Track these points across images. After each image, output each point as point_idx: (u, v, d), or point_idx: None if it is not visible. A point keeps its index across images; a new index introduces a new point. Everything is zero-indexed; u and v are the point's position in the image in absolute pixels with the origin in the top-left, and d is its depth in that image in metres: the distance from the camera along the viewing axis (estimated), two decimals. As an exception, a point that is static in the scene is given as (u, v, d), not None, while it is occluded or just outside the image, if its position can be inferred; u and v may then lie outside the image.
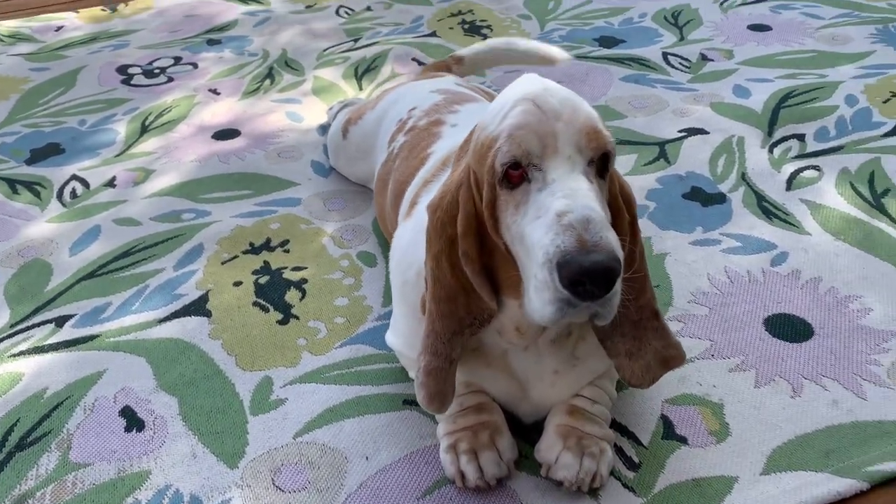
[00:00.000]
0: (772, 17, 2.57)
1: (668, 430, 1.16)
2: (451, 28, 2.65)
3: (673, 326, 1.34)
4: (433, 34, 2.60)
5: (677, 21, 2.58)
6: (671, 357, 1.05)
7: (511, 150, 0.90)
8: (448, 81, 1.69)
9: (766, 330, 1.33)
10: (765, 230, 1.57)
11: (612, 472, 1.09)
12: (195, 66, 2.47)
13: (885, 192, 1.66)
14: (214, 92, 2.29)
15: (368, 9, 2.86)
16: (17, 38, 2.75)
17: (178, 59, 2.52)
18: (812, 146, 1.84)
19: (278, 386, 1.28)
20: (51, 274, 1.57)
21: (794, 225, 1.58)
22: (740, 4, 2.68)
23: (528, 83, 0.95)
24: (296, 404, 1.24)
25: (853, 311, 1.35)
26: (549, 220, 0.86)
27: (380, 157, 1.56)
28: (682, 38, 2.46)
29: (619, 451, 1.13)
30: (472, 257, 0.97)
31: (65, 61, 2.54)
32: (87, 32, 2.77)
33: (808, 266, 1.46)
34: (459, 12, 2.76)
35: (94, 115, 2.20)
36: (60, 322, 1.44)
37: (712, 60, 2.30)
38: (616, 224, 0.97)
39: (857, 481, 1.06)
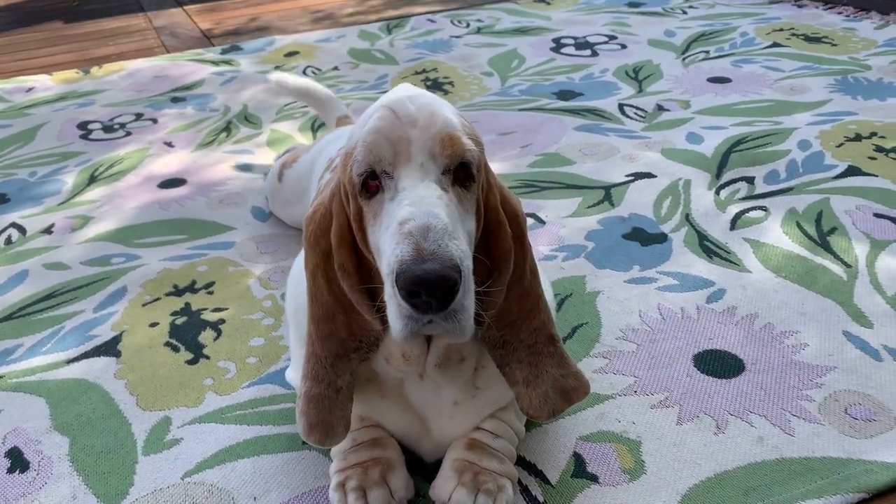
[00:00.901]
0: (732, 70, 2.57)
1: (580, 468, 1.08)
2: (414, 85, 2.65)
3: (597, 363, 1.28)
4: (395, 90, 2.61)
5: (637, 76, 2.58)
6: (571, 388, 0.98)
7: (365, 158, 0.87)
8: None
9: (694, 366, 1.26)
10: (703, 268, 1.51)
11: (513, 512, 1.01)
12: (155, 121, 2.48)
13: (832, 230, 1.61)
14: (169, 145, 2.29)
15: (335, 68, 2.89)
16: (-14, 98, 2.78)
17: (139, 116, 2.54)
18: (761, 188, 1.80)
19: (176, 426, 1.21)
20: (-33, 317, 1.52)
21: (734, 263, 1.52)
22: (702, 60, 2.69)
23: (397, 91, 0.92)
24: (190, 444, 1.17)
25: (788, 347, 1.29)
26: (393, 230, 0.82)
27: (312, 195, 1.53)
28: (640, 91, 2.46)
29: (524, 490, 1.05)
30: (348, 270, 0.92)
31: (28, 119, 2.56)
32: (57, 92, 2.81)
33: (744, 303, 1.40)
34: (424, 70, 2.79)
35: (45, 167, 2.20)
36: (-35, 363, 1.38)
37: (668, 111, 2.29)
38: (495, 237, 0.93)
39: (775, 520, 0.97)
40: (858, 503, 1.00)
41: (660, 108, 2.31)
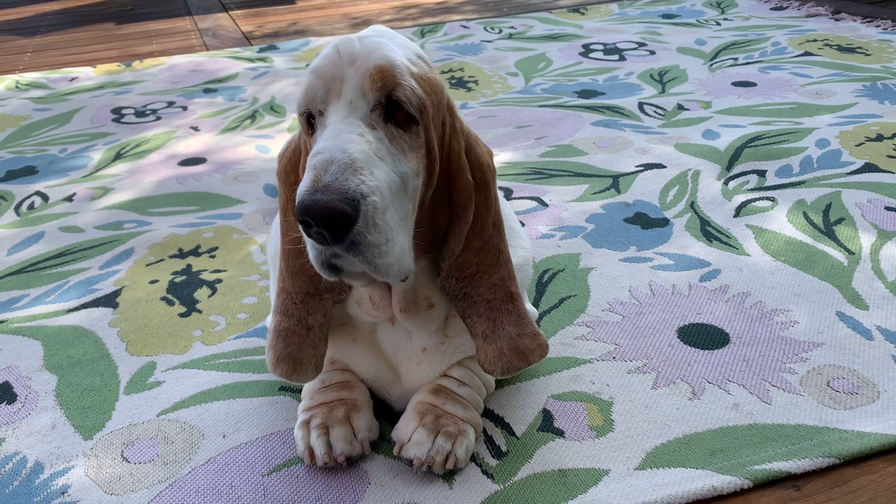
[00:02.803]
0: (759, 75, 2.55)
1: (547, 423, 1.07)
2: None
3: (579, 331, 1.27)
4: (420, 87, 2.65)
5: (662, 78, 2.58)
6: (527, 348, 0.96)
7: (302, 97, 0.87)
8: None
9: (678, 337, 1.24)
10: (701, 250, 1.50)
11: (474, 458, 1.01)
12: (185, 108, 2.56)
13: (839, 220, 1.58)
14: (195, 129, 2.35)
15: (365, 67, 2.93)
16: (33, 86, 2.90)
17: (171, 103, 2.62)
18: (771, 181, 1.78)
19: (160, 370, 1.24)
20: (-18, 270, 1.59)
21: (733, 247, 1.50)
22: (730, 65, 2.67)
23: (364, 32, 0.93)
24: (171, 387, 1.19)
25: (777, 324, 1.26)
26: (307, 163, 0.82)
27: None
28: (662, 91, 2.45)
29: (488, 439, 1.05)
30: None
31: (66, 103, 2.66)
32: (97, 82, 2.91)
33: (738, 282, 1.38)
34: (450, 70, 2.82)
35: (76, 145, 2.28)
36: (-28, 309, 1.44)
37: (688, 110, 2.27)
38: (455, 184, 0.92)
39: (738, 479, 0.95)
40: (827, 468, 0.97)
41: (680, 108, 2.29)
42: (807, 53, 2.75)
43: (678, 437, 1.04)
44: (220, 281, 1.48)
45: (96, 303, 1.43)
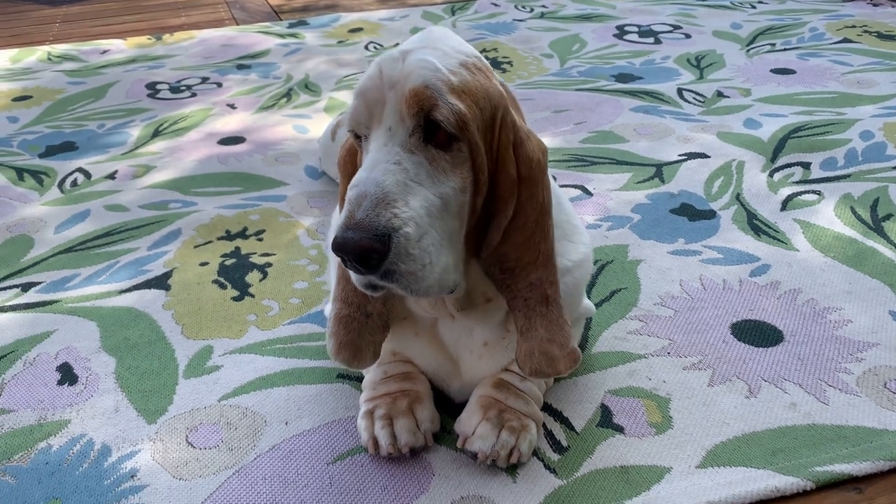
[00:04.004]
0: (798, 63, 2.52)
1: (606, 419, 1.08)
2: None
3: (632, 325, 1.27)
4: (454, 67, 2.63)
5: (699, 63, 2.55)
6: (554, 356, 0.94)
7: (349, 120, 0.89)
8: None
9: (731, 334, 1.25)
10: (750, 244, 1.50)
11: (536, 453, 1.03)
12: (220, 84, 2.55)
13: (888, 216, 1.57)
14: (231, 106, 2.35)
15: (397, 44, 2.91)
16: (65, 58, 2.90)
17: (205, 79, 2.61)
18: (816, 174, 1.77)
19: (217, 354, 1.25)
20: (31, 247, 1.60)
21: (782, 241, 1.50)
22: (767, 51, 2.64)
23: (409, 41, 0.93)
24: (230, 371, 1.21)
25: (830, 322, 1.26)
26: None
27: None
28: (700, 77, 2.43)
29: (548, 434, 1.06)
30: None
31: (100, 77, 2.66)
32: (129, 55, 2.91)
33: (789, 278, 1.38)
34: (484, 50, 2.80)
35: (113, 120, 2.28)
36: (26, 287, 1.46)
37: (728, 97, 2.26)
38: (498, 177, 0.91)
39: (801, 480, 0.96)
40: (889, 471, 0.98)
41: (719, 95, 2.28)
42: (846, 40, 2.72)
43: (737, 435, 1.05)
44: (270, 265, 1.49)
45: (148, 284, 1.44)
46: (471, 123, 0.86)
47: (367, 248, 0.79)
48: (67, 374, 1.22)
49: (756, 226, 1.56)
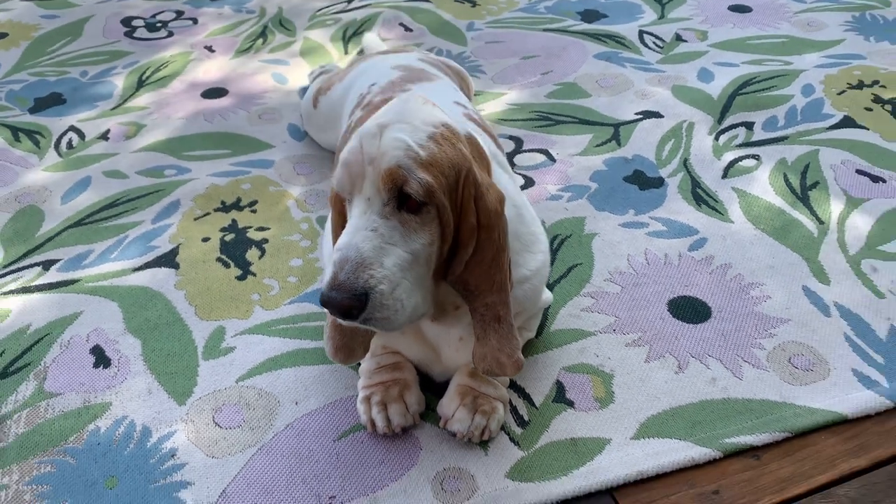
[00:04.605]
0: (755, -2, 2.63)
1: (560, 394, 1.32)
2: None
3: (585, 302, 1.49)
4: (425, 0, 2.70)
5: (662, -2, 2.65)
6: (503, 363, 1.13)
7: (335, 184, 1.07)
8: (411, 57, 1.81)
9: (668, 310, 1.47)
10: (691, 216, 1.70)
11: (503, 428, 1.26)
12: (195, 21, 2.60)
13: (814, 184, 1.77)
14: (210, 49, 2.42)
15: (367, -30, 2.94)
16: (31, -17, 2.88)
17: (179, 14, 2.65)
18: (759, 135, 1.95)
19: (230, 335, 1.45)
20: (43, 220, 1.75)
21: (719, 212, 1.70)
22: (727, -18, 2.73)
23: (385, 112, 1.09)
24: (242, 352, 1.41)
25: (752, 298, 1.49)
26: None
27: (343, 126, 1.70)
28: (662, 16, 2.53)
29: (513, 409, 1.30)
30: None
31: (74, 10, 2.68)
32: (97, -20, 2.89)
33: (722, 252, 1.60)
34: (453, -23, 2.84)
35: (95, 66, 2.35)
36: (47, 265, 1.62)
37: (686, 41, 2.38)
38: (461, 224, 1.08)
39: (712, 450, 1.22)
40: (781, 441, 1.24)
41: (678, 38, 2.40)
42: (803, -31, 2.81)
43: (665, 409, 1.29)
44: (266, 241, 1.66)
45: (158, 262, 1.62)
46: (437, 191, 1.04)
47: (348, 307, 1.00)
48: (101, 357, 1.42)
49: (698, 195, 1.76)
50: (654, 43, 2.38)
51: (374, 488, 1.19)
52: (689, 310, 1.47)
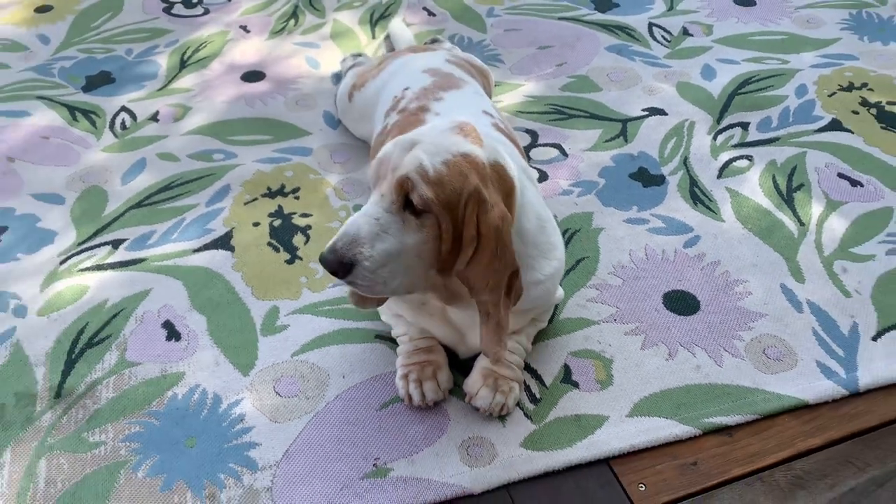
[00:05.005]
0: (760, -11, 2.77)
1: (567, 376, 1.55)
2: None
3: (590, 293, 1.72)
4: (447, -19, 2.84)
5: (672, -14, 2.79)
6: (485, 350, 1.36)
7: (368, 173, 1.34)
8: (439, 58, 1.98)
9: (662, 303, 1.69)
10: (688, 214, 1.90)
11: (519, 404, 1.50)
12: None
13: (799, 186, 1.98)
14: (245, 29, 2.58)
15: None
16: (68, -50, 3.01)
17: (213, -11, 2.79)
18: (753, 135, 2.14)
19: (283, 314, 1.67)
20: (107, 200, 1.95)
21: (713, 211, 1.91)
22: (735, -28, 2.87)
23: (423, 132, 1.32)
24: (295, 330, 1.64)
25: (736, 294, 1.72)
26: None
27: (377, 124, 1.89)
28: (671, 8, 2.69)
29: (527, 388, 1.53)
30: None
31: (112, -18, 2.82)
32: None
33: (712, 250, 1.81)
34: (474, -42, 2.97)
35: (139, 44, 2.52)
36: (116, 245, 1.83)
37: (692, 35, 2.55)
38: (463, 232, 1.28)
39: (692, 428, 1.46)
40: (751, 422, 1.48)
41: (685, 32, 2.56)
42: (808, -40, 2.94)
43: (655, 391, 1.53)
44: (310, 227, 1.87)
45: (215, 244, 1.83)
46: (435, 204, 1.25)
47: (334, 269, 1.26)
48: (172, 331, 1.64)
49: (695, 194, 1.96)
50: (662, 36, 2.54)
51: (411, 452, 1.43)
52: (681, 303, 1.69)
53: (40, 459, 1.42)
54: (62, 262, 1.79)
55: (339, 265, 1.25)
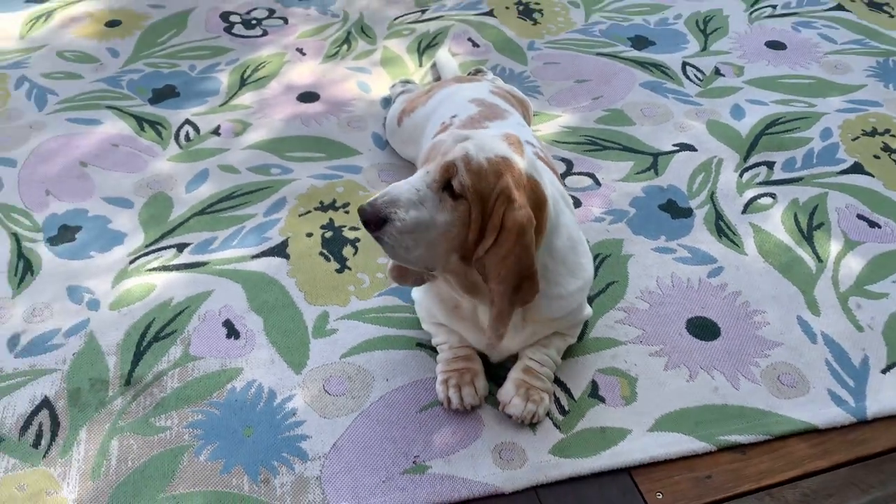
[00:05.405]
0: (791, 34, 2.90)
1: (594, 391, 1.68)
2: (507, 8, 3.03)
3: (618, 315, 1.84)
4: (491, 13, 3.00)
5: (706, 28, 2.93)
6: (486, 331, 1.52)
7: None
8: (484, 89, 2.13)
9: (685, 328, 1.82)
10: (713, 246, 2.03)
11: (548, 414, 1.63)
12: (286, 21, 2.92)
13: (820, 225, 2.09)
14: (301, 52, 2.75)
15: (439, -23, 3.24)
16: (136, -32, 3.21)
17: (271, 12, 2.97)
18: (778, 174, 2.26)
19: (333, 319, 1.82)
20: (172, 206, 2.11)
21: (737, 245, 2.03)
22: (767, 17, 3.01)
23: (477, 132, 1.50)
24: (343, 334, 1.78)
25: (754, 322, 1.83)
26: None
27: (425, 147, 2.03)
28: (704, 48, 2.82)
29: (557, 400, 1.66)
30: None
31: (177, 0, 3.00)
32: (196, -30, 3.21)
33: (734, 281, 1.93)
34: (518, -8, 3.13)
35: (201, 61, 2.69)
36: (181, 248, 1.99)
37: (724, 76, 2.68)
38: (486, 222, 1.42)
39: (708, 444, 1.58)
40: (763, 441, 1.60)
41: (717, 72, 2.69)
42: (839, 7, 3.07)
43: (676, 409, 1.65)
44: (358, 240, 2.02)
45: (272, 252, 1.98)
46: (470, 192, 1.41)
47: (368, 220, 1.40)
48: (231, 330, 1.79)
49: (720, 227, 2.09)
50: (695, 75, 2.67)
51: (448, 452, 1.56)
52: (703, 329, 1.82)
53: (112, 439, 1.57)
54: (131, 262, 1.95)
55: (375, 217, 1.39)
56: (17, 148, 2.29)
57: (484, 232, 1.43)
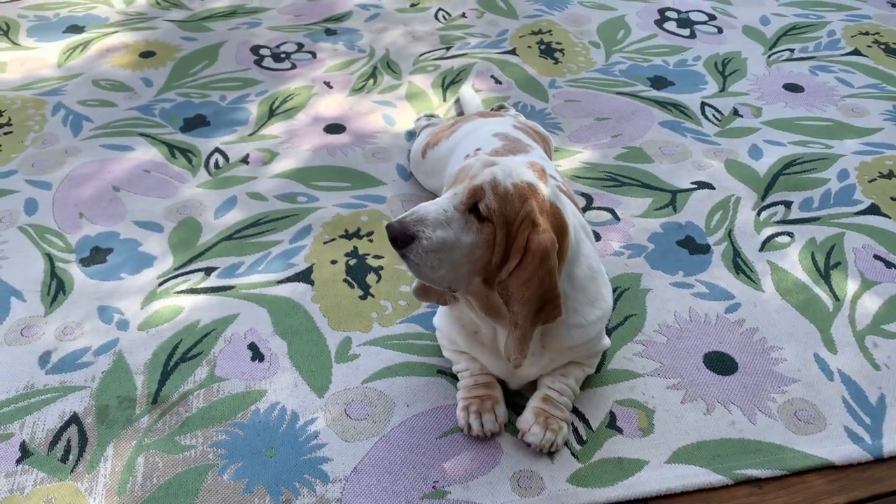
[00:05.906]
0: (808, 77, 2.95)
1: (612, 422, 1.70)
2: (529, 47, 3.11)
3: (637, 348, 1.87)
4: (513, 51, 3.07)
5: (724, 70, 2.98)
6: (507, 357, 1.53)
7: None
8: (507, 124, 2.18)
9: (703, 362, 1.84)
10: (730, 283, 2.05)
11: (566, 444, 1.65)
12: (314, 55, 3.01)
13: (836, 264, 2.12)
14: (328, 85, 2.83)
15: (463, 15, 3.33)
16: (170, 2, 3.32)
17: (300, 46, 3.06)
18: (795, 214, 2.29)
19: (355, 345, 1.85)
20: (201, 231, 2.17)
21: (754, 282, 2.06)
22: (785, 60, 3.06)
23: (505, 159, 1.53)
24: (366, 360, 1.82)
25: (771, 359, 1.85)
26: None
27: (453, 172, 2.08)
28: (723, 89, 2.88)
29: (575, 430, 1.68)
30: None
31: (209, 34, 3.10)
32: (227, 4, 3.32)
33: (752, 318, 1.96)
34: (540, 31, 3.21)
35: (232, 91, 2.77)
36: (208, 272, 2.04)
37: (742, 116, 2.72)
38: (510, 245, 1.46)
39: (725, 478, 1.59)
40: (780, 476, 1.61)
41: (735, 113, 2.74)
42: (856, 52, 3.12)
43: (693, 442, 1.66)
44: (381, 268, 2.06)
45: (297, 278, 2.02)
46: (495, 215, 1.45)
47: (395, 237, 1.44)
48: (256, 353, 1.83)
49: (738, 264, 2.12)
50: (713, 115, 2.72)
51: (467, 479, 1.58)
52: (720, 363, 1.84)
53: (139, 456, 1.60)
54: (160, 284, 2.00)
55: (402, 235, 1.43)
56: (53, 172, 2.36)
57: (507, 255, 1.47)
